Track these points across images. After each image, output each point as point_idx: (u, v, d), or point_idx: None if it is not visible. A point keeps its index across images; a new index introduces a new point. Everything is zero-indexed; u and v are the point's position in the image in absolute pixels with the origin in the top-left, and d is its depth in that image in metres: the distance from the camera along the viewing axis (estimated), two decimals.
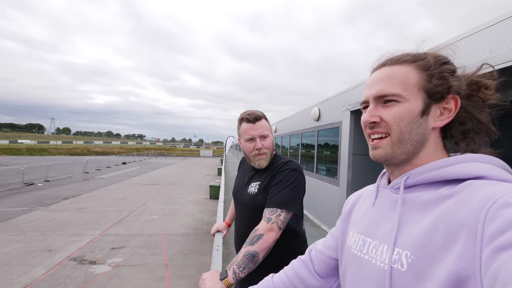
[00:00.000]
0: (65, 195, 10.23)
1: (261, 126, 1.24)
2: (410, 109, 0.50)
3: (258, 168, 1.29)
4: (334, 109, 5.04)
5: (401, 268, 0.44)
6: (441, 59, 0.52)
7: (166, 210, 8.31)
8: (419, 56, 0.53)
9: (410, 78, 0.51)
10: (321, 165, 5.92)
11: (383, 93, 0.52)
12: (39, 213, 7.66)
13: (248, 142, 1.25)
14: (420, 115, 0.50)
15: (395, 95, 0.51)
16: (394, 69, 0.53)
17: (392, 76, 0.52)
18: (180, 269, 4.47)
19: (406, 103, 0.50)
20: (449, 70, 0.51)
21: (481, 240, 0.36)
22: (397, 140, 0.51)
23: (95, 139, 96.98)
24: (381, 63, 0.56)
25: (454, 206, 0.41)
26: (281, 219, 1.06)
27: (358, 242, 0.58)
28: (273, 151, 1.30)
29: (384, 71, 0.54)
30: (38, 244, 5.33)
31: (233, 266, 0.95)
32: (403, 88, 0.51)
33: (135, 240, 5.71)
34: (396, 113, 0.51)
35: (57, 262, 4.54)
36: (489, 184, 0.41)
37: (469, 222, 0.38)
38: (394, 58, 0.55)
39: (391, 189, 0.55)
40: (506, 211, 0.35)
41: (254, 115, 1.24)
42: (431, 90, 0.50)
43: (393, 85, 0.51)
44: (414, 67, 0.52)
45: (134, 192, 11.24)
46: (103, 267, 4.44)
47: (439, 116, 0.51)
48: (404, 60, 0.53)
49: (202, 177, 17.59)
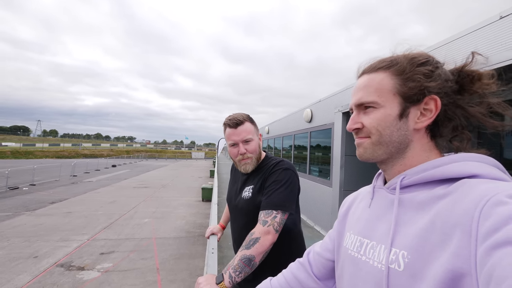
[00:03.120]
0: (52, 199, 9.91)
1: (243, 131, 1.20)
2: (387, 114, 0.53)
3: (249, 172, 1.26)
4: (326, 111, 5.09)
5: (398, 268, 0.44)
6: (416, 61, 0.52)
7: (158, 213, 8.17)
8: (394, 61, 0.54)
9: (384, 84, 0.53)
10: (314, 166, 5.96)
11: (361, 102, 0.55)
12: (24, 218, 7.38)
13: (232, 147, 1.23)
14: (398, 118, 0.52)
15: (371, 102, 0.54)
16: (371, 77, 0.56)
17: (368, 84, 0.55)
18: (172, 273, 4.39)
19: (382, 109, 0.53)
20: (425, 71, 0.51)
21: (476, 238, 0.36)
22: (377, 141, 0.54)
23: (84, 142, 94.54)
24: (362, 71, 0.59)
25: (449, 205, 0.42)
26: (277, 221, 1.04)
27: (355, 243, 0.58)
28: (260, 154, 1.27)
29: (363, 79, 0.57)
30: (23, 250, 5.13)
31: (229, 270, 0.93)
32: (378, 95, 0.53)
33: (125, 244, 5.57)
34: (374, 119, 0.54)
35: (43, 269, 4.37)
36: (483, 183, 0.42)
37: (464, 221, 0.38)
38: (371, 66, 0.57)
39: (387, 189, 0.55)
40: (500, 209, 0.35)
41: (235, 120, 1.21)
42: (406, 93, 0.52)
43: (369, 93, 0.54)
44: (389, 73, 0.54)
45: (124, 195, 11.00)
46: (92, 273, 4.31)
47: (420, 118, 0.52)
48: (379, 67, 0.55)
49: (194, 179, 17.41)
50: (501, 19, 1.88)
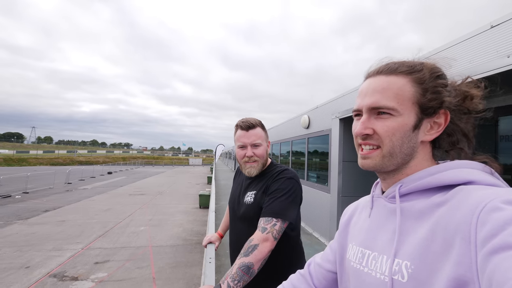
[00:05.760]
0: (45, 207, 9.71)
1: (254, 135, 1.23)
2: (404, 124, 0.50)
3: (253, 177, 1.27)
4: (324, 117, 5.13)
5: (401, 279, 0.44)
6: (436, 72, 0.52)
7: (154, 221, 8.04)
8: (416, 68, 0.52)
9: (405, 91, 0.50)
10: (312, 172, 5.96)
11: (377, 105, 0.51)
12: (16, 227, 7.20)
13: (240, 149, 1.26)
14: (412, 129, 0.50)
15: (390, 108, 0.50)
16: (390, 79, 0.51)
17: (387, 87, 0.51)
18: (169, 282, 4.29)
19: (400, 117, 0.50)
20: (443, 84, 0.51)
21: (475, 245, 0.36)
22: (388, 153, 0.51)
23: (79, 148, 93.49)
24: (377, 71, 0.54)
25: (447, 213, 0.42)
26: (276, 228, 1.03)
27: (357, 254, 0.57)
28: (266, 160, 1.29)
29: (379, 80, 0.52)
30: (15, 260, 4.99)
31: (227, 279, 0.92)
32: (398, 102, 0.50)
33: (121, 253, 5.45)
34: (390, 127, 0.50)
35: (35, 280, 4.24)
36: (478, 189, 0.42)
37: (462, 228, 0.38)
38: (391, 67, 0.53)
39: (386, 198, 0.55)
40: (496, 214, 0.36)
41: (247, 123, 1.24)
42: (425, 104, 0.50)
43: (388, 98, 0.50)
44: (410, 80, 0.51)
45: (120, 203, 10.83)
46: (86, 283, 4.19)
47: (429, 130, 0.52)
48: (400, 70, 0.52)
49: (191, 186, 17.25)
50: (491, 28, 1.94)
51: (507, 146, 2.28)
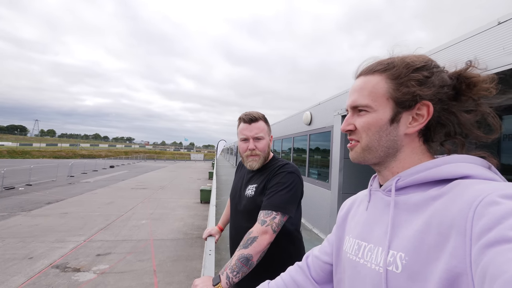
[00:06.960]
0: (48, 200, 9.83)
1: (256, 128, 1.24)
2: (378, 119, 0.53)
3: (255, 170, 1.27)
4: (326, 114, 5.10)
5: (396, 270, 0.45)
6: (412, 66, 0.52)
7: (155, 215, 8.12)
8: (391, 64, 0.53)
9: (378, 88, 0.53)
10: (313, 169, 5.96)
11: (355, 104, 0.56)
12: (20, 218, 7.31)
13: (242, 142, 1.26)
14: (389, 123, 0.52)
15: (364, 105, 0.54)
16: (367, 79, 0.55)
17: (363, 87, 0.55)
18: (169, 275, 4.35)
19: (374, 113, 0.53)
20: (420, 77, 0.50)
21: (470, 238, 0.37)
22: (366, 146, 0.55)
23: (82, 142, 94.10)
24: (358, 73, 0.59)
25: (443, 206, 0.42)
26: (276, 222, 1.04)
27: (353, 246, 0.58)
28: (268, 154, 1.30)
29: (359, 81, 0.57)
30: (18, 251, 5.07)
31: (227, 270, 0.93)
32: (371, 99, 0.53)
33: (122, 246, 5.53)
34: (365, 123, 0.54)
35: (38, 270, 4.32)
36: (476, 183, 0.42)
37: (458, 221, 0.39)
38: (368, 68, 0.57)
39: (383, 191, 0.56)
40: (493, 208, 0.36)
41: (250, 116, 1.24)
42: (399, 99, 0.51)
43: (363, 96, 0.54)
44: (384, 77, 0.53)
45: (121, 197, 10.94)
46: (88, 274, 4.26)
47: (411, 123, 0.52)
48: (375, 69, 0.55)
49: (193, 181, 17.36)
50: (499, 25, 1.90)
51: (511, 145, 2.26)
